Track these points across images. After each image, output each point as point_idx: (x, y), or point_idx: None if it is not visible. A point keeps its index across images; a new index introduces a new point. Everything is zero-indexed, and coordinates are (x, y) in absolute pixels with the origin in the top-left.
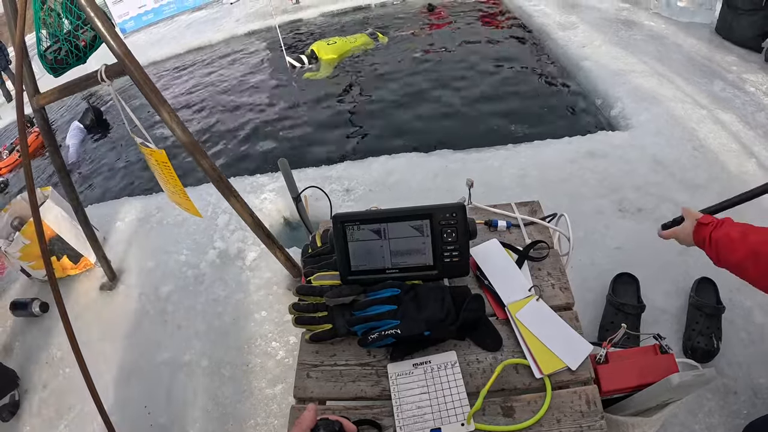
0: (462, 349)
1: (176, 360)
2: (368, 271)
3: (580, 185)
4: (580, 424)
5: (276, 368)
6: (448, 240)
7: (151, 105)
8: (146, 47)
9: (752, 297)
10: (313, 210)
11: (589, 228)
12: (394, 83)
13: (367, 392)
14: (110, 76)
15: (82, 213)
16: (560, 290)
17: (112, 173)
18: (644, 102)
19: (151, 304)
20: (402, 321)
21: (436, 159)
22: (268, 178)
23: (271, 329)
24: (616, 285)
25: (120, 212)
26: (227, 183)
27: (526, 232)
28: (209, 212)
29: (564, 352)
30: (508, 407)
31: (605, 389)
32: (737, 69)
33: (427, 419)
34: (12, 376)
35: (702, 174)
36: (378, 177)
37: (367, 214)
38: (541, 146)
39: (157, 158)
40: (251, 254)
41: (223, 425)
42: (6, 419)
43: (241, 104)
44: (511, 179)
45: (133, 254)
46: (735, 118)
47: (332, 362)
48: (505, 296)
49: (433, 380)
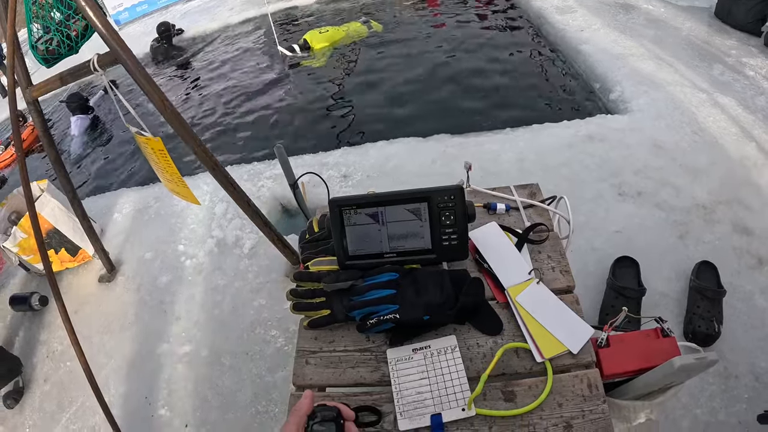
0: (462, 333)
1: (176, 350)
2: (366, 255)
3: (580, 169)
4: (581, 408)
5: (276, 356)
6: (447, 223)
7: (145, 93)
8: (141, 37)
9: (753, 281)
10: (310, 196)
11: (589, 212)
12: (390, 69)
13: (366, 378)
14: (103, 66)
15: (78, 205)
16: (560, 273)
17: (110, 164)
18: (643, 86)
19: (150, 295)
20: (401, 306)
21: (433, 144)
22: (265, 166)
23: (270, 317)
24: (616, 269)
25: (117, 204)
26: (224, 171)
27: (526, 215)
28: (206, 201)
29: (565, 335)
30: (509, 392)
31: (607, 373)
32: (737, 53)
33: (427, 405)
34: (16, 363)
35: (702, 158)
36: (375, 162)
37: (364, 198)
38: (540, 130)
39: (154, 146)
40: (249, 242)
41: (224, 414)
42: (10, 406)
43: (235, 93)
44: (510, 163)
45: (131, 245)
46: (735, 102)
47: (331, 348)
48: (504, 280)
49: (433, 365)
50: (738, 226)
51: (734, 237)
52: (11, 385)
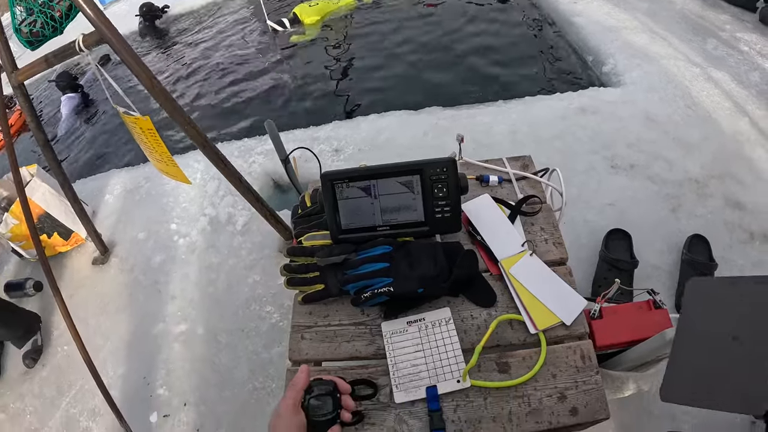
0: (456, 305)
1: (172, 330)
2: (359, 229)
3: (572, 141)
4: (575, 378)
5: (271, 332)
6: (439, 195)
7: (132, 72)
8: (127, 16)
9: (745, 255)
10: (302, 171)
11: (582, 184)
12: (381, 42)
13: (361, 352)
14: (88, 45)
15: (69, 188)
16: (554, 245)
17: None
18: (636, 59)
19: (144, 275)
20: (395, 279)
21: (425, 116)
22: (256, 142)
23: (265, 293)
24: (608, 241)
25: (108, 185)
26: (214, 147)
27: (518, 187)
28: (198, 179)
29: (558, 307)
30: (504, 363)
31: (600, 344)
32: (731, 28)
33: (422, 377)
34: (34, 320)
35: (695, 132)
36: (367, 136)
37: (356, 171)
38: (532, 102)
39: (142, 126)
40: (242, 219)
41: (222, 391)
42: (29, 366)
43: (223, 70)
44: (502, 136)
45: (123, 226)
46: (728, 77)
47: (326, 323)
48: (498, 252)
49: (427, 338)
50: (730, 200)
51: (726, 211)
52: (30, 345)
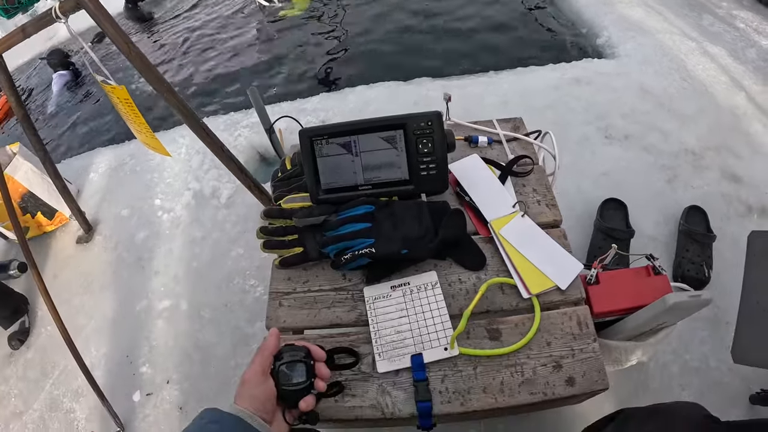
0: (443, 269)
1: (155, 306)
2: (340, 188)
3: (565, 111)
4: (571, 346)
5: (254, 305)
6: (424, 151)
7: (111, 39)
8: None
9: (743, 228)
10: (288, 143)
11: (575, 154)
12: (371, 13)
13: (342, 319)
14: (65, 12)
15: (51, 165)
16: (547, 207)
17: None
18: (631, 32)
19: (128, 252)
20: (377, 239)
21: (414, 87)
22: (242, 115)
23: (249, 266)
24: (604, 210)
25: (93, 164)
26: (194, 115)
27: (509, 149)
28: (182, 154)
29: (552, 270)
30: (494, 330)
31: (597, 311)
32: (727, 5)
33: (407, 344)
34: (22, 301)
35: (691, 105)
36: (355, 107)
37: (336, 127)
38: (525, 73)
39: (119, 95)
40: (226, 192)
41: (206, 368)
42: (15, 347)
43: (211, 48)
44: (494, 106)
45: (107, 204)
46: (725, 53)
47: (305, 289)
48: (487, 212)
49: (413, 303)
50: (727, 173)
51: (723, 183)
52: (17, 326)
